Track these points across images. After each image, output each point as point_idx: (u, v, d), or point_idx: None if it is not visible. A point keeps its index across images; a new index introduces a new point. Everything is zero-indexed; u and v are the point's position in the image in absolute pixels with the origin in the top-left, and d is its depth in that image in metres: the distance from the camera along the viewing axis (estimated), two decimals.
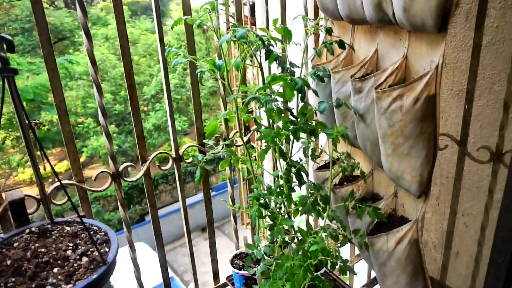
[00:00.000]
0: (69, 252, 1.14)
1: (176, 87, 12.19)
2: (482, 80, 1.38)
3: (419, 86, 1.17)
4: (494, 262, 1.16)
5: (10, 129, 10.36)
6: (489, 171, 1.39)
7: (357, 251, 2.02)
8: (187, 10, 1.42)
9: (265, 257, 1.51)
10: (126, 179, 1.46)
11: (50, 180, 10.55)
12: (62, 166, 13.76)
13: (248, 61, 1.35)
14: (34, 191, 1.38)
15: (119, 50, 1.32)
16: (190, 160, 1.58)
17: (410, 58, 1.30)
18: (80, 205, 1.40)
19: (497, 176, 1.41)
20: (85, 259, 1.11)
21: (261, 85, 1.36)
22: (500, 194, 1.22)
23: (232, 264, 1.75)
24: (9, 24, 11.23)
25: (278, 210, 1.44)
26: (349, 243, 2.01)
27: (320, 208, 1.37)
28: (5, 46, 0.89)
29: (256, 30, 3.15)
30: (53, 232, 1.24)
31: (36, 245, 1.17)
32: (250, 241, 2.02)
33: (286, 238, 1.53)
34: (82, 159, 13.49)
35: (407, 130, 1.21)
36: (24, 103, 10.20)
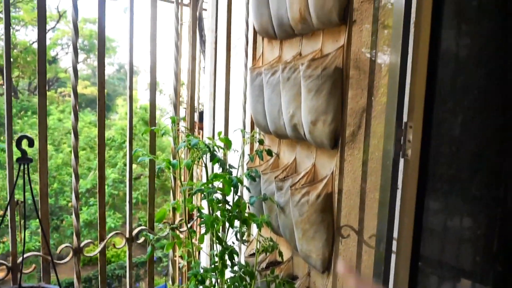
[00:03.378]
0: None
1: (114, 182, 12.40)
2: (370, 184, 1.95)
3: (320, 186, 1.73)
4: None
5: None
6: None
7: None
8: (152, 121, 1.95)
9: None
10: (86, 254, 1.86)
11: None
12: None
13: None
14: None
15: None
16: (141, 240, 1.99)
17: (317, 165, 1.87)
18: (42, 274, 1.76)
19: None
20: None
21: (205, 180, 1.86)
22: None
23: None
24: None
25: (212, 286, 1.86)
26: None
27: (247, 283, 1.81)
28: (27, 142, 1.35)
29: (203, 134, 3.72)
30: None
31: None
32: None
33: None
34: None
35: (312, 218, 1.73)
36: None
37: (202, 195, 1.83)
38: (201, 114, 3.92)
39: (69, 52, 17.43)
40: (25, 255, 1.71)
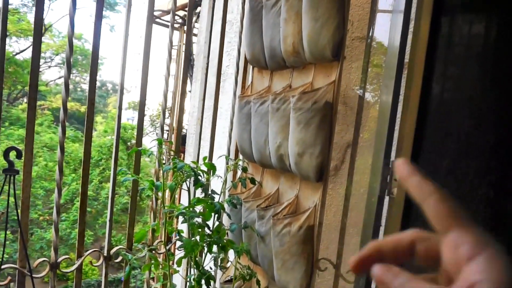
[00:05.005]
0: None
1: (88, 199, 12.12)
2: (350, 219, 1.94)
3: (303, 217, 1.71)
4: None
5: None
6: None
7: None
8: (139, 142, 1.91)
9: None
10: (62, 270, 1.79)
11: None
12: None
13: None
14: None
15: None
16: (119, 259, 1.93)
17: (300, 197, 1.85)
18: (16, 287, 1.69)
19: None
20: None
21: (185, 204, 1.82)
22: None
23: None
24: None
25: None
26: None
27: None
28: (15, 153, 1.31)
29: (184, 157, 3.67)
30: None
31: None
32: None
33: None
34: None
35: (292, 249, 1.71)
36: None
37: (183, 218, 1.80)
38: (183, 138, 3.88)
39: (52, 66, 17.24)
40: (2, 267, 1.65)
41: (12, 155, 1.41)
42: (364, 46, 1.68)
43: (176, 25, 4.86)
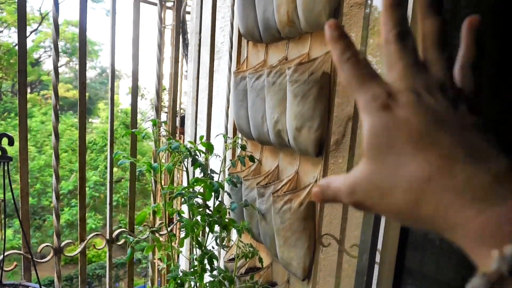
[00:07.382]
0: None
1: (96, 184, 12.17)
2: None
3: (303, 193, 1.64)
4: None
5: None
6: None
7: None
8: (134, 124, 1.84)
9: None
10: (66, 254, 1.75)
11: None
12: None
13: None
14: None
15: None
16: (121, 242, 1.88)
17: (300, 173, 1.78)
18: (22, 272, 1.65)
19: None
20: None
21: (185, 185, 1.76)
22: None
23: None
24: None
25: None
26: None
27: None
28: (7, 140, 1.25)
29: (184, 139, 3.61)
30: None
31: None
32: None
33: None
34: None
35: (294, 226, 1.65)
36: None
37: (183, 199, 1.74)
38: (182, 119, 3.81)
39: (52, 55, 17.04)
40: (6, 253, 1.61)
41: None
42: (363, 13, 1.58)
43: (169, 4, 4.69)
